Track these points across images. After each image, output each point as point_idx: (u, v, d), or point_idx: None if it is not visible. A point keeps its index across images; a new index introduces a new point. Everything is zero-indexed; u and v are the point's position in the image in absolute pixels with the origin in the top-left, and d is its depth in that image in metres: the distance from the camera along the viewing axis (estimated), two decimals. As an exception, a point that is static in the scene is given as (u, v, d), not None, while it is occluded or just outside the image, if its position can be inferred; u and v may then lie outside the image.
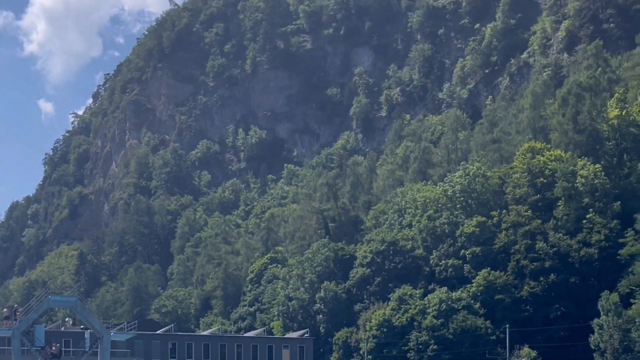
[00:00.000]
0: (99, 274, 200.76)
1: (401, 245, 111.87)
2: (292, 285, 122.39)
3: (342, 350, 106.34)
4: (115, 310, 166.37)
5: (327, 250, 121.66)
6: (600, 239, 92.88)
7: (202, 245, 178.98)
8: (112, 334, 78.75)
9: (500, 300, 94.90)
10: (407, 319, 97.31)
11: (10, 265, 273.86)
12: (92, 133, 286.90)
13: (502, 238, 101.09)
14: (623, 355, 77.28)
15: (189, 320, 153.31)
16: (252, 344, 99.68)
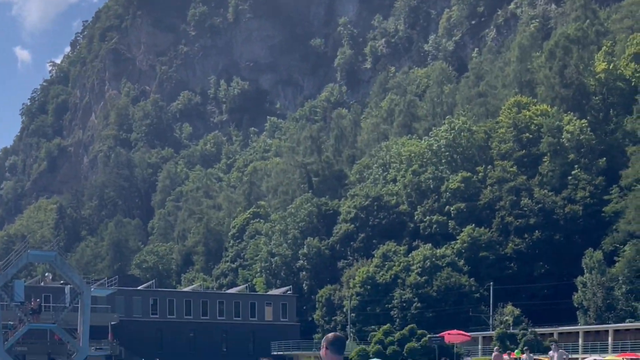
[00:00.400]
0: (78, 229, 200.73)
1: (385, 201, 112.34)
2: (274, 241, 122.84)
3: (325, 307, 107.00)
4: (96, 265, 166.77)
5: (310, 205, 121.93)
6: (585, 195, 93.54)
7: (183, 199, 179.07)
8: (92, 289, 79.14)
9: (484, 257, 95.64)
10: (390, 276, 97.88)
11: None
12: (71, 83, 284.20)
13: (487, 194, 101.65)
14: (606, 313, 78.12)
15: (170, 276, 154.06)
16: (234, 300, 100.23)
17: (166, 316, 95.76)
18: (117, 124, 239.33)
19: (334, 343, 8.51)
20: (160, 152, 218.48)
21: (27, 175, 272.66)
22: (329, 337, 8.58)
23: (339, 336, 8.71)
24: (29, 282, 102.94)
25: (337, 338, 8.60)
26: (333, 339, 8.56)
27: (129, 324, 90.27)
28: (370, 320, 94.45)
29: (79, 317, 76.63)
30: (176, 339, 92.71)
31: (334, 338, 8.57)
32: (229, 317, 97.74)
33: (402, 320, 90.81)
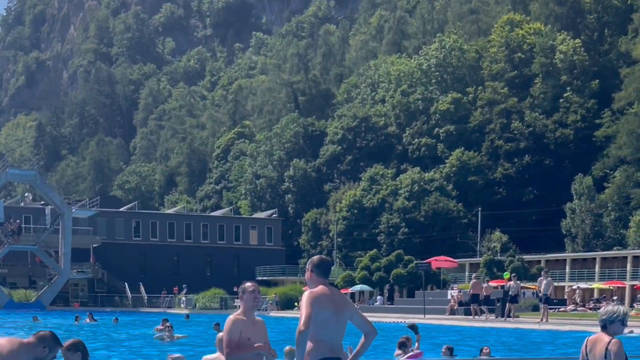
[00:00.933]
0: (59, 147, 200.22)
1: (373, 122, 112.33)
2: (259, 162, 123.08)
3: (311, 231, 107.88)
4: (77, 185, 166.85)
5: (297, 125, 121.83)
6: (577, 119, 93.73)
7: (166, 117, 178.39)
8: (73, 210, 79.87)
9: (473, 182, 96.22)
10: (378, 200, 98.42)
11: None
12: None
13: (477, 116, 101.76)
14: (594, 240, 79.02)
15: (153, 197, 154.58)
16: (218, 223, 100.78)
17: (149, 239, 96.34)
18: (97, 37, 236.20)
19: (319, 266, 8.38)
20: (142, 67, 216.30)
21: (5, 90, 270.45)
22: (314, 260, 8.47)
23: (324, 258, 8.63)
24: (8, 202, 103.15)
25: (322, 260, 8.50)
26: (318, 261, 8.44)
27: (111, 247, 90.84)
28: (357, 246, 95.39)
29: (60, 239, 77.52)
30: (159, 262, 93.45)
31: (319, 260, 8.46)
32: (212, 241, 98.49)
33: (389, 245, 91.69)
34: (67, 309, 78.02)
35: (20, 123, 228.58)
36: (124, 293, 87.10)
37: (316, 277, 8.33)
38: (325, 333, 8.07)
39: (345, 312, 8.27)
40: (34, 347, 8.16)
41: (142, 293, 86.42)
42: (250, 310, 8.95)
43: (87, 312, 49.50)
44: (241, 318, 8.96)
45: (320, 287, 8.23)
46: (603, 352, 8.89)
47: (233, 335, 8.83)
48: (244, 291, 8.99)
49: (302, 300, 8.11)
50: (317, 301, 8.03)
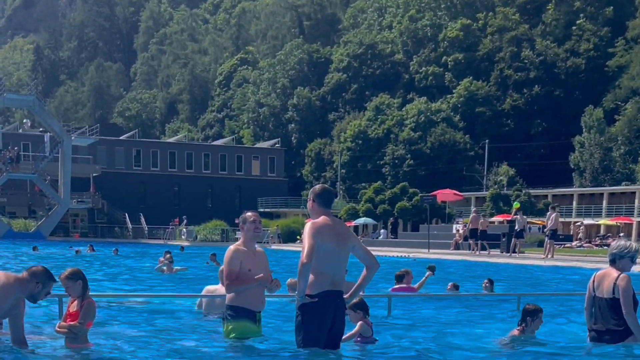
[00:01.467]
0: (57, 72, 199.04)
1: (380, 49, 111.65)
2: (263, 90, 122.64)
3: (315, 162, 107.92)
4: (76, 112, 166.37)
5: (301, 52, 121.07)
6: (589, 48, 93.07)
7: (167, 42, 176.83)
8: (73, 138, 79.74)
9: (480, 113, 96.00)
10: (383, 131, 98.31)
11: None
12: None
13: (487, 44, 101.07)
14: (602, 175, 79.07)
15: (154, 125, 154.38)
16: (220, 153, 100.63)
17: (150, 168, 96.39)
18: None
19: (321, 195, 8.38)
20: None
21: (1, 11, 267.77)
22: (316, 189, 8.46)
23: (326, 188, 8.63)
24: (7, 128, 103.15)
25: (324, 190, 8.50)
26: (320, 190, 8.44)
27: (111, 176, 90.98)
28: (361, 177, 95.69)
29: (60, 168, 77.66)
30: (159, 192, 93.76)
31: (321, 190, 8.45)
32: (214, 171, 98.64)
33: (393, 177, 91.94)
34: (67, 239, 78.63)
35: (18, 46, 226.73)
36: (124, 224, 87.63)
37: (318, 207, 8.35)
38: (327, 265, 8.14)
39: (347, 244, 8.34)
40: (27, 283, 8.43)
41: (142, 224, 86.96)
42: (250, 240, 9.03)
43: (88, 244, 50.07)
44: (241, 249, 9.06)
45: (323, 218, 8.27)
46: (611, 287, 9.08)
47: (233, 266, 8.94)
48: (244, 221, 9.11)
49: (304, 232, 8.11)
50: (319, 232, 8.07)
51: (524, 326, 10.45)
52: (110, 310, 13.95)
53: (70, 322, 9.00)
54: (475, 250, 43.76)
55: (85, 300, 9.04)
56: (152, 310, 14.39)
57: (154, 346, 9.83)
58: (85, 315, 8.98)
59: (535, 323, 10.48)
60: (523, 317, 10.52)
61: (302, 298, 8.07)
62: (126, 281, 24.35)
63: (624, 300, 8.96)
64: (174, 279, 24.48)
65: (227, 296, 9.21)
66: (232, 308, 9.13)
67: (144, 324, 12.46)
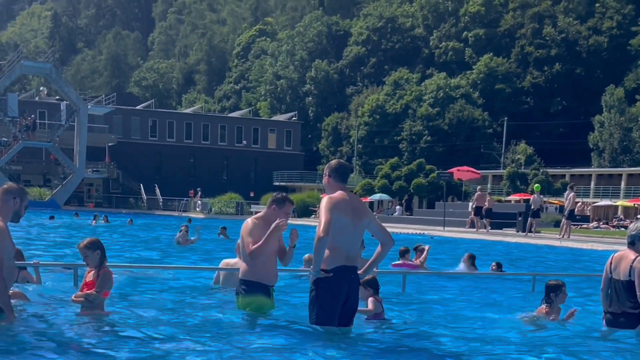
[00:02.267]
0: (74, 39, 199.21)
1: (400, 23, 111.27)
2: (281, 62, 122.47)
3: (332, 136, 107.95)
4: (93, 81, 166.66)
5: (320, 24, 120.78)
6: (612, 25, 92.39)
7: (186, 11, 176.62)
8: (89, 107, 79.80)
9: (500, 90, 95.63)
10: (401, 106, 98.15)
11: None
12: None
13: (508, 20, 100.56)
14: (621, 155, 78.78)
15: (171, 96, 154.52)
16: (236, 125, 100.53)
17: (165, 139, 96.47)
18: None
19: (337, 170, 8.41)
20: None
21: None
22: (332, 164, 8.48)
23: (342, 163, 8.63)
24: (23, 96, 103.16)
25: (340, 165, 8.51)
26: (336, 165, 8.46)
27: (126, 146, 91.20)
28: (378, 153, 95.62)
29: (75, 137, 77.77)
30: (175, 164, 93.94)
31: (337, 164, 8.47)
32: (230, 143, 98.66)
33: (410, 154, 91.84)
34: (81, 209, 78.91)
35: (35, 12, 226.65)
36: (139, 195, 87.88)
37: (334, 182, 8.37)
38: (342, 240, 8.17)
39: (363, 220, 8.37)
40: (6, 202, 8.51)
41: (157, 195, 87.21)
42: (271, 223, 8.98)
43: (102, 214, 50.36)
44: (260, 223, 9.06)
45: (339, 193, 8.29)
46: (628, 269, 9.08)
47: (255, 236, 8.94)
48: (281, 206, 9.05)
49: (320, 206, 8.13)
50: (336, 207, 8.09)
51: (550, 303, 10.42)
52: (126, 279, 14.13)
53: (86, 292, 9.15)
54: (479, 228, 43.75)
55: (102, 270, 9.17)
56: (167, 280, 14.56)
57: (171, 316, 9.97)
58: (102, 284, 9.11)
59: (559, 297, 10.38)
60: (547, 294, 10.44)
61: (317, 272, 8.14)
62: (141, 251, 24.56)
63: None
64: (187, 250, 24.70)
65: (241, 270, 9.26)
66: (245, 282, 9.18)
67: (160, 294, 12.62)
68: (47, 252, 21.79)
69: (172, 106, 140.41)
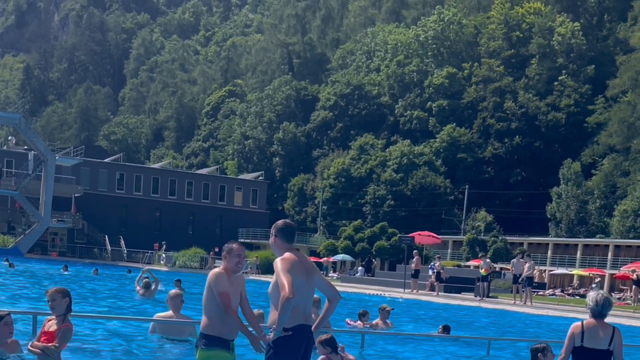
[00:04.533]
0: (45, 92, 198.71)
1: (367, 90, 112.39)
2: (249, 123, 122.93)
3: (297, 197, 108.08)
4: (62, 133, 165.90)
5: (289, 88, 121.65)
6: (570, 103, 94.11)
7: (157, 70, 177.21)
8: (57, 157, 79.28)
9: (462, 159, 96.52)
10: (366, 170, 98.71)
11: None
12: None
13: (471, 93, 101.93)
14: (577, 226, 79.67)
15: (139, 151, 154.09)
16: (203, 182, 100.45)
17: (132, 192, 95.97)
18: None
19: (283, 230, 8.17)
20: (136, 17, 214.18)
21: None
22: (279, 224, 8.24)
23: (288, 222, 8.41)
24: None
25: (287, 224, 8.28)
26: (283, 225, 8.22)
27: (93, 198, 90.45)
28: (342, 215, 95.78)
29: (42, 186, 77.14)
30: (141, 217, 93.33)
31: (283, 224, 8.23)
32: (197, 199, 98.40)
33: (373, 217, 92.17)
34: (44, 257, 78.05)
35: (8, 64, 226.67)
36: (104, 245, 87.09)
37: (281, 242, 8.15)
38: (299, 299, 7.99)
39: (314, 278, 8.22)
40: None
41: (122, 247, 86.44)
42: (231, 272, 8.82)
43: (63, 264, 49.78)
44: (224, 273, 8.85)
45: (291, 254, 8.08)
46: (608, 340, 9.08)
47: (225, 288, 8.64)
48: (230, 252, 8.85)
49: (276, 267, 7.90)
50: (292, 268, 7.91)
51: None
52: (83, 329, 13.82)
53: (44, 342, 8.86)
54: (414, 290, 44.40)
55: (64, 324, 8.91)
56: (123, 331, 14.27)
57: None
58: (62, 338, 8.89)
59: (548, 357, 10.17)
60: (534, 357, 10.19)
61: (279, 332, 8.00)
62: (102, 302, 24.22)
63: (619, 354, 9.02)
64: (147, 301, 24.42)
65: (202, 324, 9.05)
66: (206, 337, 8.94)
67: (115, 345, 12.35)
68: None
69: (141, 161, 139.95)
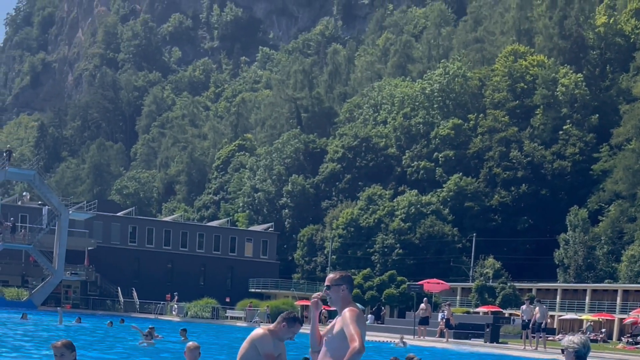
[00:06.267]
0: (59, 149, 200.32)
1: (374, 143, 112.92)
2: (259, 176, 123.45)
3: (307, 247, 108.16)
4: (75, 188, 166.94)
5: (298, 141, 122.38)
6: (575, 152, 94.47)
7: (168, 126, 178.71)
8: (70, 212, 79.68)
9: (469, 207, 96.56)
10: (374, 220, 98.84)
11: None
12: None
13: (477, 143, 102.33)
14: (585, 272, 79.43)
15: (151, 204, 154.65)
16: (214, 234, 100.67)
17: (145, 245, 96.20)
18: (104, 42, 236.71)
19: (352, 281, 7.94)
20: (147, 75, 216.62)
21: (9, 89, 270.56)
22: (346, 275, 7.88)
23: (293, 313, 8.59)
24: (6, 200, 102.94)
25: (351, 276, 8.06)
26: (350, 276, 7.97)
27: (106, 251, 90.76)
28: (351, 264, 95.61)
29: (56, 240, 77.42)
30: (153, 269, 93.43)
31: (349, 276, 7.96)
32: (208, 250, 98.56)
33: (382, 265, 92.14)
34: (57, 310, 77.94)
35: (23, 122, 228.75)
36: (117, 297, 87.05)
37: (348, 294, 7.85)
38: None
39: None
40: None
41: (134, 298, 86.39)
42: (278, 340, 8.87)
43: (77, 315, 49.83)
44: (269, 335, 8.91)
45: (355, 306, 7.84)
46: None
47: (270, 350, 8.67)
48: (291, 325, 8.80)
49: (346, 318, 7.52)
50: (360, 319, 7.63)
51: None
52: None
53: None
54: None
55: None
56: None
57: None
58: None
59: None
60: None
61: None
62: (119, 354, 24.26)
63: None
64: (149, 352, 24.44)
65: None
66: None
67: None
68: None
69: (152, 214, 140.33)
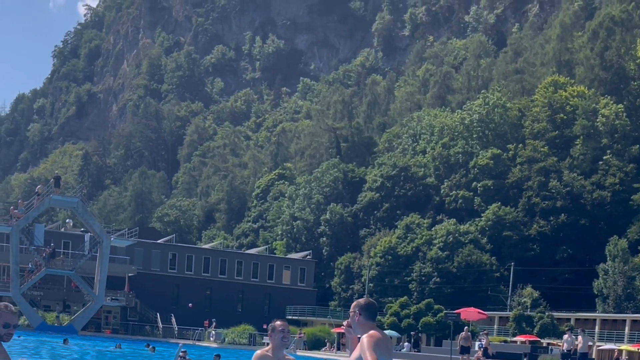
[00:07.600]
0: (102, 177, 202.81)
1: (413, 172, 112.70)
2: (298, 204, 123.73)
3: (344, 275, 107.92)
4: (117, 215, 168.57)
5: (337, 170, 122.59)
6: (615, 182, 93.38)
7: (209, 155, 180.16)
8: (112, 239, 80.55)
9: (507, 237, 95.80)
10: (412, 249, 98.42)
11: (13, 160, 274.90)
12: (105, 28, 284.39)
13: (516, 173, 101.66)
14: (625, 302, 78.28)
15: (191, 232, 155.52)
16: (253, 261, 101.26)
17: (184, 272, 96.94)
18: (148, 73, 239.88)
19: (367, 308, 7.71)
20: (190, 105, 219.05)
21: (55, 119, 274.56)
22: (361, 302, 7.76)
23: (371, 301, 7.99)
24: (50, 227, 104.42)
25: (369, 303, 7.84)
26: (366, 303, 7.76)
27: (146, 277, 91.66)
28: (388, 292, 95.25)
29: (97, 266, 78.24)
30: (192, 295, 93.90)
31: (366, 303, 7.77)
32: (246, 278, 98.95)
33: (419, 294, 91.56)
34: (98, 334, 78.75)
35: (67, 151, 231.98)
36: (155, 323, 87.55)
37: (364, 320, 7.69)
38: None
39: (391, 357, 7.82)
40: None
41: (173, 324, 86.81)
42: (278, 349, 8.90)
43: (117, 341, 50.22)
44: (267, 354, 8.96)
45: (376, 332, 7.62)
46: None
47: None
48: (273, 329, 8.96)
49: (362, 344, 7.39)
50: (377, 346, 7.45)
51: None
52: None
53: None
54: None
55: None
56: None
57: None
58: None
59: None
60: None
61: None
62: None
63: None
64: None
65: None
66: None
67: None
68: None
69: (192, 241, 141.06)
